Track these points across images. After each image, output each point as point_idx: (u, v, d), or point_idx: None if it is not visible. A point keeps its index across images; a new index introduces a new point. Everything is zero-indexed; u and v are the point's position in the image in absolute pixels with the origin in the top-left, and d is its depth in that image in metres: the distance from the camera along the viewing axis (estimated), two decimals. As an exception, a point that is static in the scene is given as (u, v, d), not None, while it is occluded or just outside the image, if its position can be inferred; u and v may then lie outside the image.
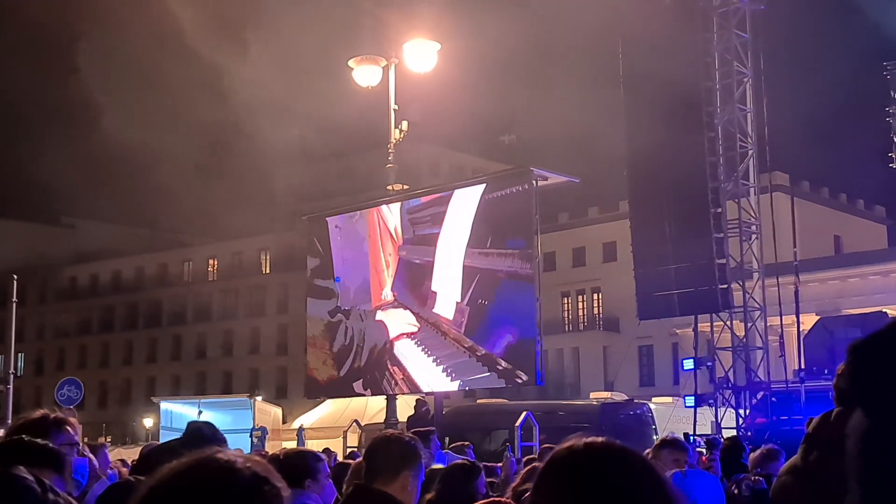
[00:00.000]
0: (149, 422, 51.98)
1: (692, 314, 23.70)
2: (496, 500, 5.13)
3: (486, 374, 19.22)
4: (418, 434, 6.51)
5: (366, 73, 20.62)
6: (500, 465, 12.79)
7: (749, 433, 19.54)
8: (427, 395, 19.99)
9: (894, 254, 46.72)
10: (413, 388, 20.44)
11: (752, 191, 23.47)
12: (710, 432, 20.74)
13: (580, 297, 56.98)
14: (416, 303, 21.08)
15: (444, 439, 16.28)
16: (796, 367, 21.84)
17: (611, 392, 31.66)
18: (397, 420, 19.65)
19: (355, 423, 22.21)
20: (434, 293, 20.75)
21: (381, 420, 20.97)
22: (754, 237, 23.30)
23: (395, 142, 20.63)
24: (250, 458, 1.49)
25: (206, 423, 4.16)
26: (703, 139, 22.36)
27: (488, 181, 20.09)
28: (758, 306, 22.97)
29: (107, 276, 76.13)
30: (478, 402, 26.44)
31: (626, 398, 26.49)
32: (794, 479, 2.92)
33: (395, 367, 21.02)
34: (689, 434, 18.83)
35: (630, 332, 48.70)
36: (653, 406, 24.37)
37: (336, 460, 15.09)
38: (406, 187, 22.14)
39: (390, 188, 21.15)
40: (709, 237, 22.05)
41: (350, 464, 6.25)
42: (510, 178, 19.68)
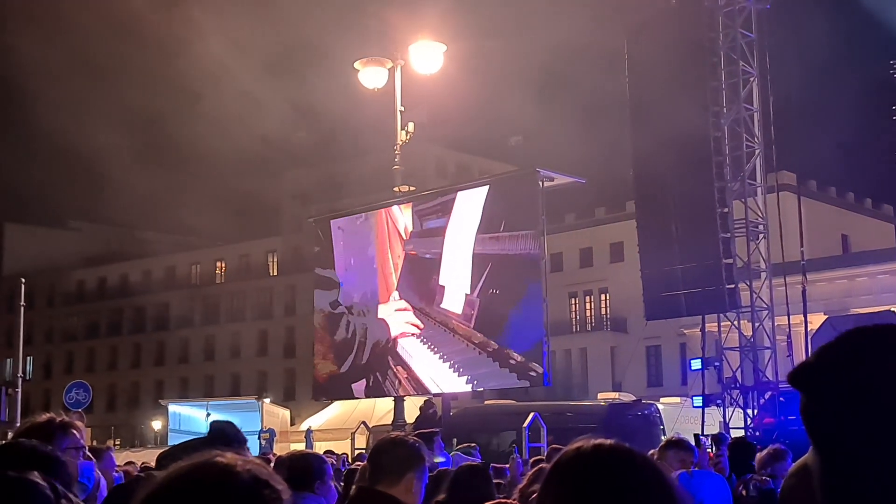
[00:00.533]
0: (157, 424, 52.05)
1: (700, 314, 23.65)
2: (503, 501, 5.13)
3: (496, 369, 18.82)
4: (422, 435, 6.52)
5: (372, 75, 20.64)
6: (508, 465, 12.79)
7: (757, 433, 19.51)
8: (435, 395, 19.96)
9: (902, 252, 46.55)
10: (419, 389, 20.32)
11: (758, 190, 23.42)
12: (718, 432, 20.68)
13: (587, 298, 56.91)
14: (423, 300, 20.74)
15: (452, 440, 16.28)
16: (804, 367, 21.74)
17: (618, 392, 31.64)
18: (405, 421, 19.65)
19: (363, 425, 22.22)
20: (442, 287, 20.43)
21: (389, 422, 20.98)
22: (761, 237, 23.25)
23: (401, 143, 20.63)
24: (250, 461, 1.49)
25: (228, 423, 4.14)
26: (709, 139, 22.32)
27: (495, 182, 20.09)
28: (765, 306, 22.91)
29: (114, 280, 76.26)
30: (485, 402, 26.41)
31: (634, 398, 26.44)
32: (802, 482, 2.90)
33: (398, 367, 20.82)
34: (699, 434, 18.75)
35: (637, 333, 48.63)
36: (661, 406, 24.32)
37: (346, 463, 15.10)
38: (413, 189, 22.15)
39: (397, 190, 21.16)
40: (716, 237, 22.01)
41: (359, 468, 6.26)
42: (516, 179, 19.67)
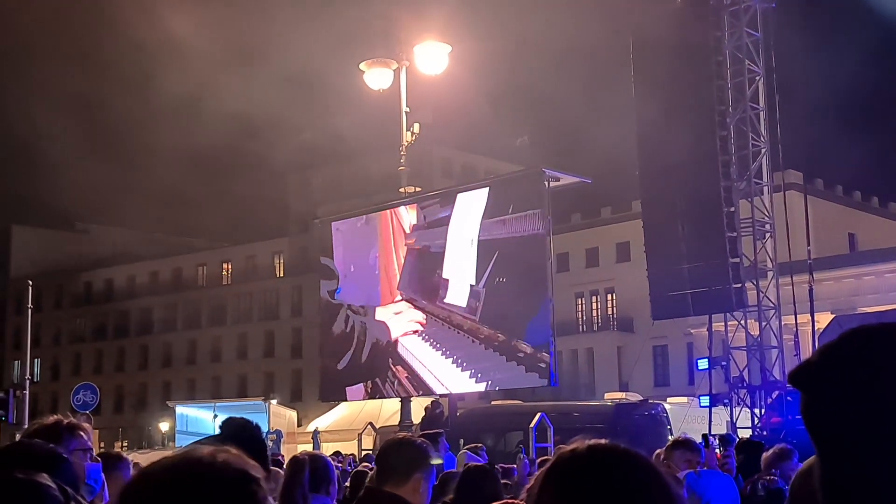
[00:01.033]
0: (164, 426, 52.13)
1: (706, 314, 23.61)
2: (511, 501, 5.13)
3: (503, 363, 18.45)
4: (427, 436, 6.53)
5: (377, 76, 20.66)
6: (515, 466, 12.79)
7: (764, 433, 19.45)
8: (441, 396, 19.95)
9: (910, 251, 46.43)
10: (422, 389, 20.20)
11: (765, 189, 23.38)
12: (725, 432, 20.66)
13: (594, 298, 56.87)
14: (426, 296, 20.37)
15: (459, 441, 16.27)
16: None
17: (625, 392, 31.60)
18: (412, 422, 19.64)
19: (370, 426, 22.22)
20: (445, 281, 20.06)
21: (396, 422, 20.98)
22: (768, 236, 23.22)
23: (407, 144, 20.64)
24: (229, 452, 1.46)
25: (245, 421, 3.99)
26: (715, 138, 22.29)
27: (501, 182, 20.08)
28: (772, 305, 22.87)
29: (122, 281, 76.41)
30: (492, 403, 26.40)
31: (641, 398, 26.40)
32: (807, 481, 2.90)
33: (398, 367, 20.57)
34: (708, 434, 18.70)
35: (644, 333, 48.59)
36: (667, 406, 24.29)
37: (352, 464, 15.12)
38: (419, 189, 22.16)
39: (403, 191, 21.17)
40: (722, 236, 21.98)
41: (367, 469, 6.28)
42: (522, 179, 19.65)
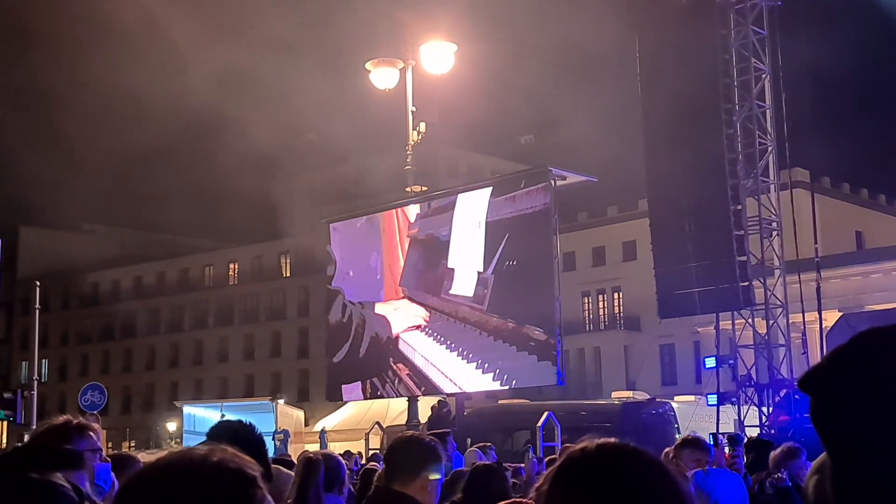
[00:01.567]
0: (172, 426, 52.25)
1: (713, 312, 23.59)
2: (519, 500, 5.13)
3: (513, 353, 17.70)
4: (434, 435, 6.53)
5: (383, 76, 20.65)
6: (523, 465, 12.79)
7: (772, 431, 19.43)
8: (449, 395, 19.92)
9: (917, 249, 46.30)
10: (427, 387, 19.97)
11: (772, 187, 23.34)
12: (732, 431, 20.63)
13: (601, 297, 56.83)
14: (430, 289, 19.76)
15: (466, 440, 16.27)
16: (819, 365, 21.66)
17: (633, 391, 31.56)
18: (419, 421, 19.63)
19: (377, 426, 22.23)
20: (451, 271, 19.47)
21: (403, 422, 20.98)
22: (775, 234, 23.18)
23: (413, 143, 20.63)
24: (224, 451, 1.45)
25: (238, 422, 3.91)
26: (721, 136, 22.26)
27: (507, 181, 20.04)
28: (779, 303, 22.84)
29: (128, 282, 76.56)
30: (499, 402, 26.40)
31: (648, 397, 26.41)
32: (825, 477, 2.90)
33: (399, 364, 20.10)
34: (716, 433, 18.67)
35: (651, 331, 48.50)
36: (675, 405, 24.29)
37: (358, 463, 15.11)
38: (425, 189, 22.15)
39: (409, 190, 21.16)
40: (729, 235, 21.95)
41: (375, 467, 6.28)
42: (529, 178, 19.61)
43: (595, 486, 1.51)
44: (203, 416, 33.25)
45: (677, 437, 19.53)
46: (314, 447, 23.45)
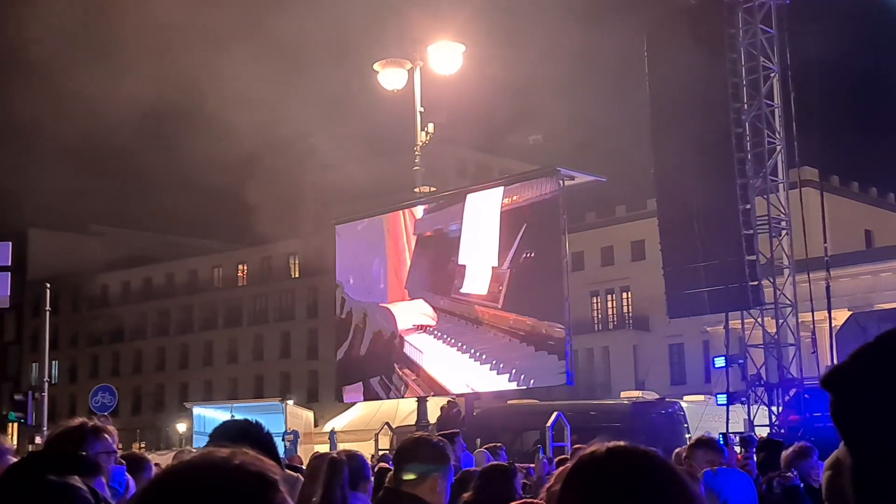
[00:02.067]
0: (182, 427, 52.34)
1: (723, 311, 23.56)
2: (530, 501, 5.15)
3: (531, 353, 16.81)
4: (443, 436, 6.55)
5: (391, 76, 20.66)
6: (533, 465, 12.80)
7: (782, 430, 19.41)
8: (458, 395, 19.91)
9: (927, 247, 46.16)
10: (436, 390, 19.71)
11: (780, 186, 23.31)
12: (742, 430, 20.61)
13: (609, 297, 56.77)
14: (439, 290, 18.70)
15: (476, 440, 16.27)
16: (829, 363, 21.64)
17: (642, 391, 31.54)
18: (428, 422, 19.62)
19: (386, 426, 22.25)
20: (462, 268, 18.42)
21: (413, 422, 20.98)
22: (784, 233, 23.13)
23: (421, 144, 20.64)
24: (246, 454, 1.46)
25: (245, 421, 3.91)
26: (730, 135, 22.23)
27: (515, 181, 20.00)
28: (789, 303, 22.80)
29: (138, 284, 76.76)
30: (508, 402, 26.39)
31: (658, 397, 26.39)
32: (839, 474, 2.92)
33: (405, 370, 19.38)
34: (727, 433, 18.64)
35: (660, 331, 48.50)
36: (684, 404, 24.27)
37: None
38: (433, 189, 22.14)
39: (417, 191, 21.16)
40: (738, 234, 21.92)
41: (387, 467, 6.30)
42: (537, 178, 19.57)
43: (607, 489, 1.54)
44: (213, 416, 33.32)
45: (687, 436, 19.58)
46: (324, 448, 23.47)
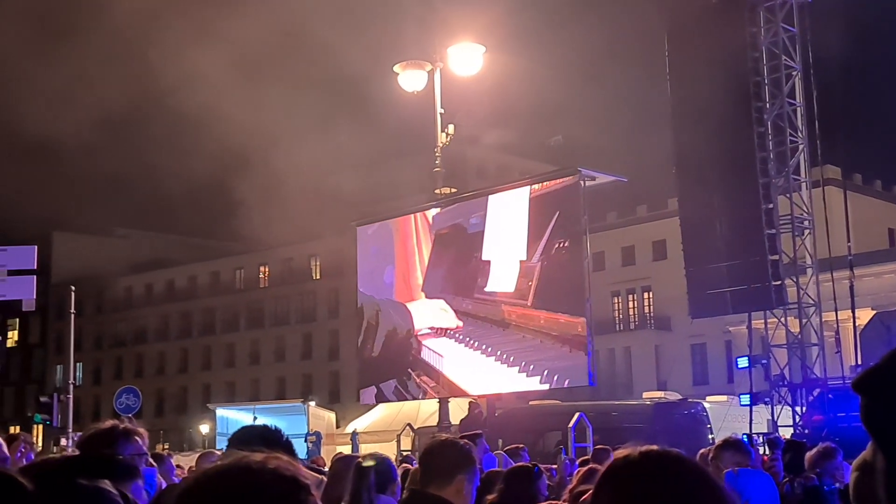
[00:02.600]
0: (205, 428, 52.61)
1: (746, 311, 23.46)
2: (553, 503, 5.18)
3: (565, 353, 15.72)
4: (466, 437, 6.58)
5: (411, 78, 20.69)
6: (555, 466, 12.80)
7: (806, 431, 19.30)
8: (479, 397, 19.90)
9: (952, 245, 45.78)
10: (458, 394, 19.44)
11: (803, 185, 23.19)
12: (766, 431, 20.51)
13: (630, 297, 56.60)
14: (461, 290, 17.67)
15: (498, 441, 16.25)
16: (853, 363, 21.52)
17: (664, 392, 31.42)
18: (450, 423, 19.64)
19: (408, 427, 22.28)
20: (485, 265, 17.28)
21: (435, 423, 21.00)
22: (807, 232, 23.01)
23: (441, 145, 20.66)
24: (279, 458, 1.51)
25: (264, 426, 4.01)
26: (752, 134, 22.14)
27: (536, 182, 19.96)
28: (812, 302, 22.68)
29: (161, 286, 77.21)
30: (530, 403, 26.36)
31: (680, 397, 26.27)
32: (867, 475, 2.93)
33: (423, 378, 18.66)
34: (751, 434, 18.55)
35: (682, 331, 48.30)
36: (707, 405, 24.14)
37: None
38: (454, 190, 22.16)
39: (438, 192, 21.19)
40: (761, 233, 21.83)
41: (409, 469, 6.33)
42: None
43: (640, 493, 1.55)
44: (236, 418, 33.52)
45: (710, 437, 19.50)
46: (346, 449, 23.54)
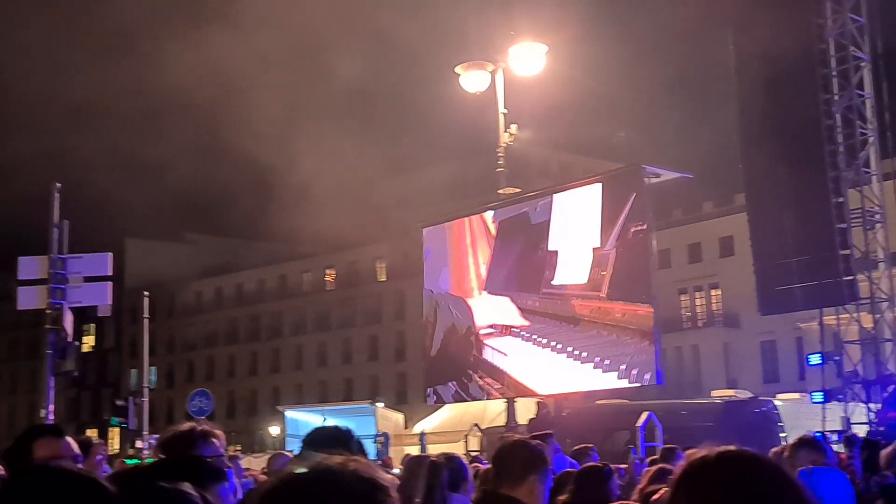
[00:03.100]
0: (275, 430, 53.26)
1: (817, 307, 23.08)
2: (624, 503, 5.18)
3: (646, 348, 14.82)
4: (536, 437, 6.58)
5: (473, 79, 20.71)
6: (624, 466, 12.72)
7: (881, 428, 18.91)
8: (546, 396, 19.84)
9: None
10: (524, 393, 19.27)
11: (874, 178, 22.73)
12: (839, 428, 20.15)
13: (697, 294, 55.92)
14: (526, 286, 16.89)
15: (566, 441, 16.19)
16: (930, 359, 21.05)
17: (734, 390, 31.01)
18: (517, 423, 19.62)
19: (476, 427, 22.32)
20: (552, 255, 16.33)
21: (502, 423, 21.00)
22: (878, 225, 22.55)
23: (504, 146, 20.66)
24: (359, 461, 1.56)
25: (335, 428, 4.08)
26: (820, 127, 21.78)
27: (598, 181, 19.85)
28: (885, 297, 22.21)
29: (230, 290, 78.39)
30: (597, 402, 26.22)
31: (750, 395, 25.91)
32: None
33: (486, 380, 18.19)
34: (824, 432, 18.23)
35: (751, 328, 47.61)
36: (778, 403, 23.76)
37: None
38: (517, 190, 22.15)
39: (501, 192, 21.19)
40: (831, 227, 21.45)
41: (479, 468, 6.37)
42: (622, 177, 19.40)
43: (718, 495, 1.55)
44: (305, 420, 33.89)
45: (782, 436, 19.21)
46: (414, 450, 23.69)
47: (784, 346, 50.01)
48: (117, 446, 59.59)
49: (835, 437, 16.44)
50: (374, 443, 27.39)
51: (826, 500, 5.93)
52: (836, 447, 13.36)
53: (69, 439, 3.77)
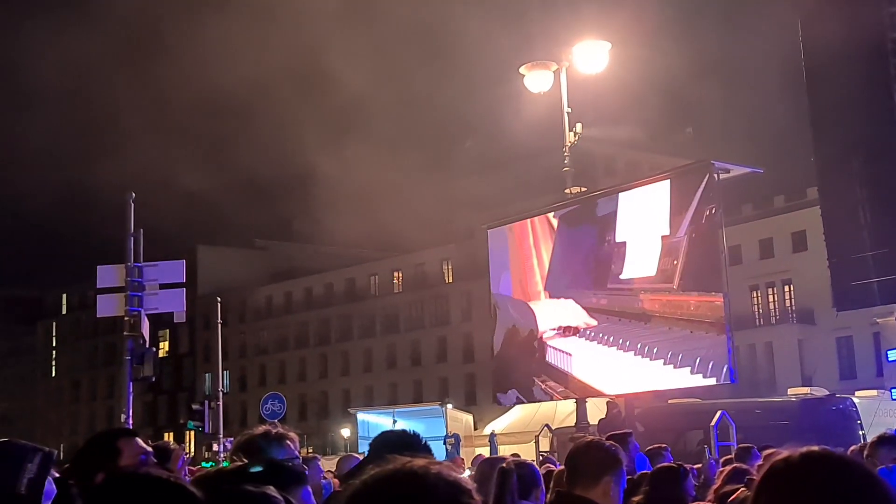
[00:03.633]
0: (346, 432, 53.73)
1: (894, 302, 22.53)
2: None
3: (722, 341, 14.25)
4: (615, 438, 6.54)
5: (537, 79, 20.67)
6: (697, 466, 12.57)
7: (966, 426, 18.38)
8: (616, 396, 19.70)
9: None
10: (591, 394, 19.04)
11: (953, 168, 22.12)
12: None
13: (770, 290, 54.92)
14: (593, 283, 16.47)
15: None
16: None
17: (810, 387, 30.39)
18: (588, 423, 19.51)
19: (546, 428, 22.24)
20: (620, 247, 15.86)
21: (572, 423, 20.90)
22: (959, 217, 21.95)
23: (570, 145, 20.56)
24: (441, 465, 1.59)
25: (403, 431, 4.13)
26: (894, 118, 21.27)
27: (667, 178, 19.64)
28: (967, 290, 21.60)
29: (299, 294, 79.26)
30: (669, 402, 25.93)
31: (827, 393, 25.38)
32: None
33: (548, 383, 17.92)
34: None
35: (826, 324, 46.59)
36: (856, 400, 23.25)
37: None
38: (584, 189, 22.03)
39: (568, 191, 21.09)
40: (908, 220, 20.96)
41: (551, 469, 6.36)
42: (691, 174, 19.17)
43: (804, 497, 1.52)
44: (376, 422, 34.14)
45: (861, 433, 18.79)
46: (484, 451, 23.69)
47: (861, 342, 48.87)
48: (193, 450, 60.63)
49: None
50: (444, 444, 27.46)
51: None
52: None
53: (139, 440, 3.71)
